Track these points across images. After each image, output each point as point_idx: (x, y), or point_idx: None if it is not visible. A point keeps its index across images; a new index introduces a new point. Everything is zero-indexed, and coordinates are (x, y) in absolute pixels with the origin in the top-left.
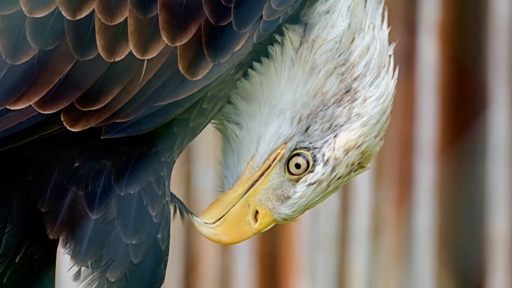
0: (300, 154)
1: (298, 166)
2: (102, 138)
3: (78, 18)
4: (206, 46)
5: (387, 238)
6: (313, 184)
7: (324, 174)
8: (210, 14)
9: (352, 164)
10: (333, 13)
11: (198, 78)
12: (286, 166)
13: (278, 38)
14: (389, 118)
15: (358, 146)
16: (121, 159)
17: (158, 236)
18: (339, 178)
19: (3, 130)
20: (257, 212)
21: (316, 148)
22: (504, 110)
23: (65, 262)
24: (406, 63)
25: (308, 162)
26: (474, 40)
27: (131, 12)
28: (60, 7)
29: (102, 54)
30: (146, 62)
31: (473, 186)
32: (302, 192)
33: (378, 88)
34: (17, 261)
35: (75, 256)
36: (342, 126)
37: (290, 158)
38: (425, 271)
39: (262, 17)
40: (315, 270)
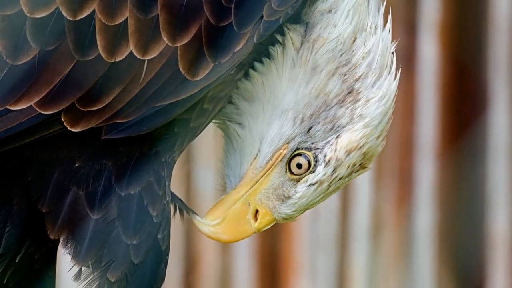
0: (301, 154)
1: (299, 166)
2: (102, 138)
3: (79, 18)
4: (206, 46)
5: (387, 238)
6: (314, 184)
7: (325, 174)
8: (211, 15)
9: (353, 165)
10: (335, 12)
11: (199, 78)
12: (287, 166)
13: (279, 38)
14: (391, 119)
15: (360, 147)
16: (121, 159)
17: (159, 236)
18: (340, 178)
19: (4, 130)
20: (257, 211)
21: (318, 148)
22: (504, 110)
23: (65, 262)
24: (406, 63)
25: (309, 163)
26: (474, 40)
27: (132, 12)
28: (60, 7)
29: (102, 54)
30: (146, 62)
31: (473, 186)
32: (303, 192)
33: (380, 89)
34: (17, 261)
35: (76, 256)
36: (344, 127)
37: (292, 158)
38: (425, 271)
39: (262, 17)
40: (315, 270)
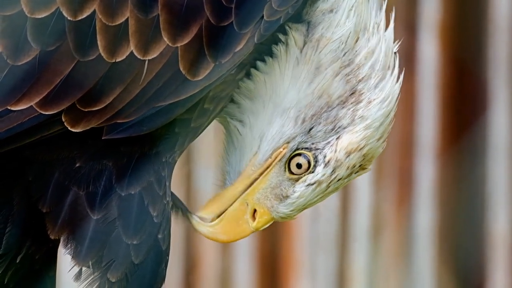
0: (301, 154)
1: (299, 166)
2: (103, 138)
3: (79, 18)
4: (207, 46)
5: (387, 238)
6: (312, 184)
7: (324, 175)
8: (211, 15)
9: (353, 166)
10: (336, 12)
11: (199, 78)
12: (287, 166)
13: (281, 38)
14: (392, 121)
15: (360, 148)
16: (122, 159)
17: (159, 236)
18: (340, 179)
19: (5, 131)
20: (255, 210)
21: (318, 149)
22: (504, 110)
23: (66, 262)
24: (406, 63)
25: (309, 163)
26: (474, 40)
27: (132, 12)
28: (61, 8)
29: (103, 54)
30: (147, 62)
31: (473, 186)
32: (301, 192)
33: (383, 90)
34: (18, 261)
35: (76, 256)
36: (345, 128)
37: (292, 158)
38: (425, 271)
39: (263, 17)
40: (315, 270)
